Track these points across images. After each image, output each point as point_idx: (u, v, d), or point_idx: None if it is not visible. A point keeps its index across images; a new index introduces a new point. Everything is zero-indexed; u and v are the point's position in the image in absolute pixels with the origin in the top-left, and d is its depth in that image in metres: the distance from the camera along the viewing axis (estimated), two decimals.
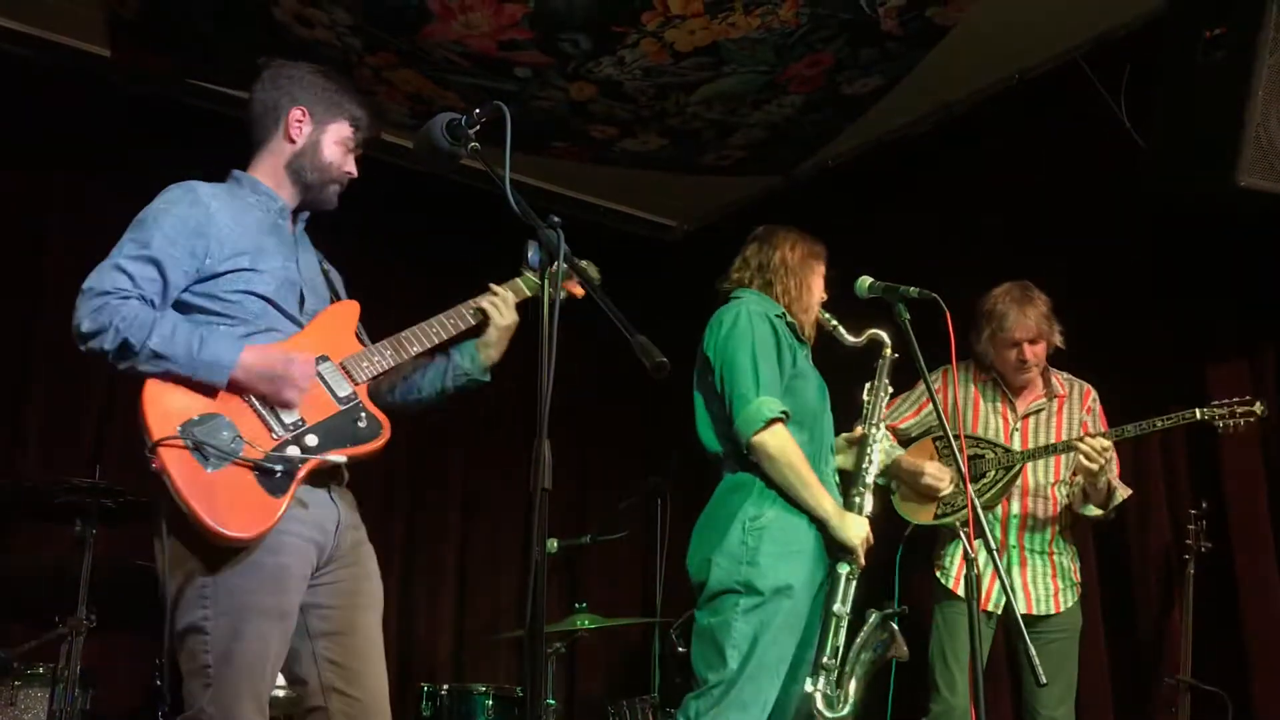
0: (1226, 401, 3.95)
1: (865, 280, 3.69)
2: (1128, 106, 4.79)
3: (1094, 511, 4.21)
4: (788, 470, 3.48)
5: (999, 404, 4.38)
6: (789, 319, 3.73)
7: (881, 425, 3.83)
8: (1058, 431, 4.27)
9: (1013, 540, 4.24)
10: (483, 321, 3.08)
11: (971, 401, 4.39)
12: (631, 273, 4.22)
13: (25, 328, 5.11)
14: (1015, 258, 5.32)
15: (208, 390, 2.69)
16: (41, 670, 4.25)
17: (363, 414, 2.87)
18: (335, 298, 3.08)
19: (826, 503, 3.51)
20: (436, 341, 3.02)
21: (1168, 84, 4.10)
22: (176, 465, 2.60)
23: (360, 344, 3.00)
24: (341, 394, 2.86)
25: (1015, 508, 4.26)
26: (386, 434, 2.88)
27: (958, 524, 4.14)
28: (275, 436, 2.74)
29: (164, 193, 2.89)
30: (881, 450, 3.82)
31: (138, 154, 5.30)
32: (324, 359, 2.88)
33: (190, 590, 2.66)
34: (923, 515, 4.34)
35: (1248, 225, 4.34)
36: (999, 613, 4.18)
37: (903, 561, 4.18)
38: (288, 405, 2.77)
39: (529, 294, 3.13)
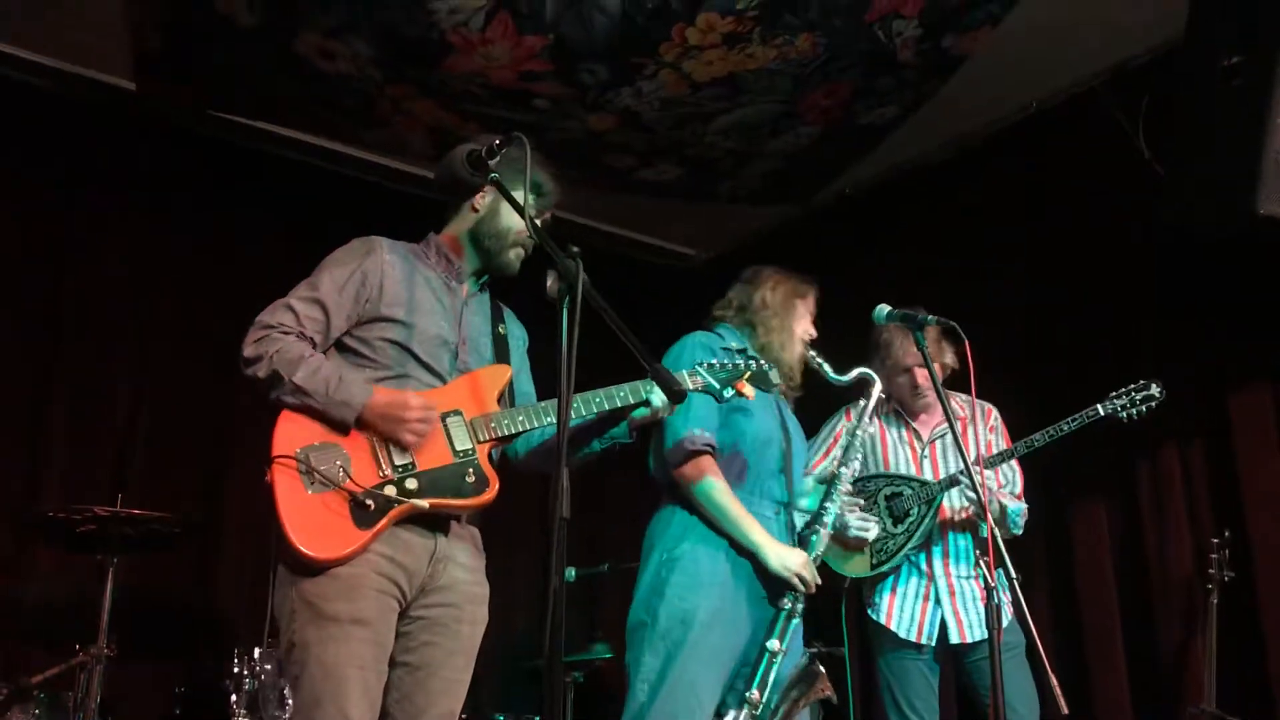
0: (1124, 390, 4.01)
1: (883, 308, 3.67)
2: (1146, 135, 4.82)
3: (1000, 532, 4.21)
4: (707, 502, 3.47)
5: (903, 433, 4.39)
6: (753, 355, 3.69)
7: (853, 465, 3.79)
8: (966, 454, 4.24)
9: (938, 570, 4.23)
10: (643, 402, 3.11)
11: (878, 434, 4.39)
12: (650, 301, 4.22)
13: (46, 358, 5.16)
14: (1032, 286, 5.43)
15: (338, 426, 2.84)
16: (61, 698, 4.23)
17: (473, 469, 2.93)
18: (497, 361, 3.18)
19: (755, 534, 3.46)
20: (585, 416, 3.06)
21: (1186, 113, 4.09)
22: (282, 481, 2.77)
23: (499, 406, 3.07)
24: (460, 448, 2.93)
25: (935, 537, 4.25)
26: (490, 494, 2.93)
27: (910, 558, 4.18)
28: (380, 474, 2.84)
29: (349, 244, 3.08)
30: (846, 491, 3.76)
31: (158, 187, 5.36)
32: (456, 413, 2.97)
33: (285, 606, 2.82)
34: (856, 566, 4.29)
35: (1268, 252, 4.37)
36: (933, 644, 4.17)
37: (848, 609, 4.21)
38: (402, 446, 2.87)
39: (693, 388, 3.21)
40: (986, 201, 5.69)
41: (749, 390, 3.24)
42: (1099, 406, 4.03)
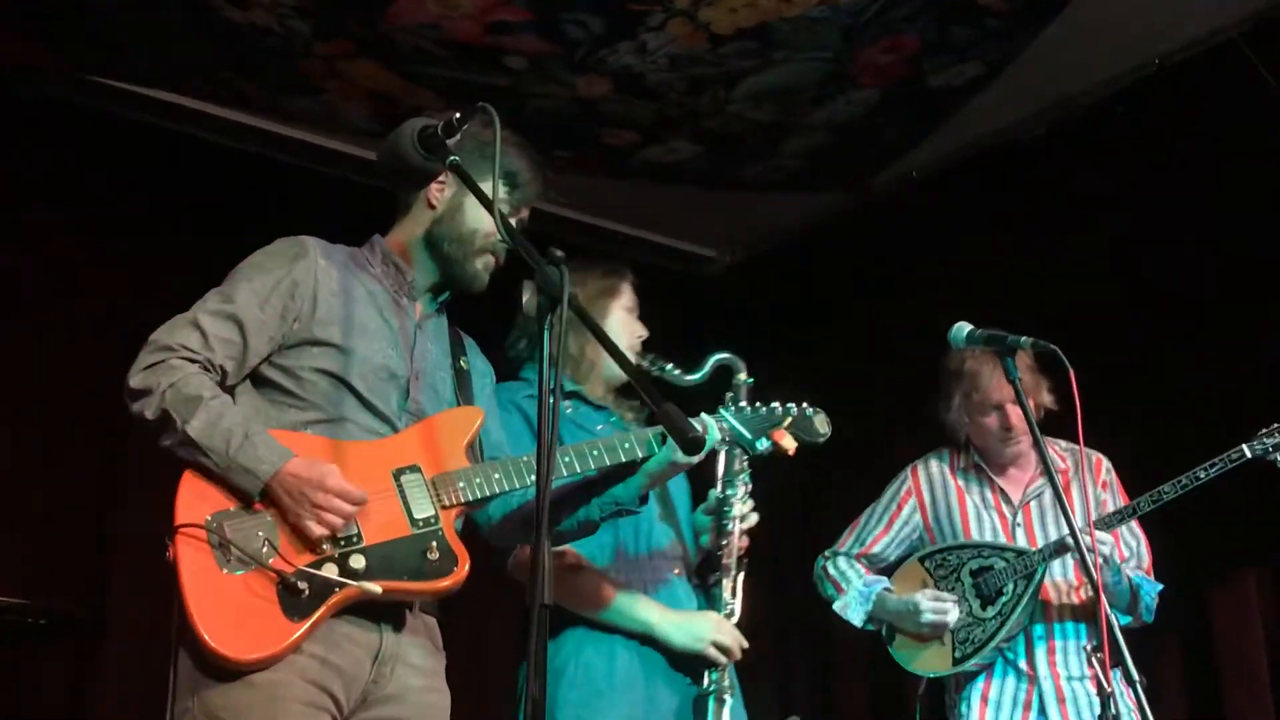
0: (1277, 427, 4.07)
1: (963, 327, 3.66)
2: None
3: (1122, 619, 4.22)
4: (564, 594, 3.43)
5: (988, 493, 4.50)
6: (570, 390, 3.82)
7: (741, 484, 3.85)
8: (1072, 517, 4.28)
9: (1041, 668, 4.27)
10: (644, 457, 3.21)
11: (955, 498, 4.52)
12: (660, 317, 4.26)
13: None
14: (1150, 295, 5.46)
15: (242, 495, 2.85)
16: None
17: (436, 543, 2.91)
18: (461, 401, 3.23)
19: (640, 611, 3.57)
20: (581, 473, 3.14)
21: None
22: (189, 558, 2.75)
23: (468, 460, 3.10)
24: (420, 515, 2.94)
25: (1037, 627, 4.31)
26: (459, 575, 2.91)
27: (1003, 650, 4.27)
28: (317, 550, 2.83)
29: (274, 244, 3.10)
30: (741, 516, 3.82)
31: (17, 170, 5.35)
32: (413, 470, 2.98)
33: (177, 709, 2.79)
34: (933, 662, 4.37)
35: None
36: None
37: None
38: (308, 534, 2.84)
39: (715, 447, 3.39)
40: (1093, 187, 5.68)
41: (789, 442, 3.34)
42: (1245, 448, 4.03)
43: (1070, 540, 4.01)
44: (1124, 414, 5.01)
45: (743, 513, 3.81)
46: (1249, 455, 4.02)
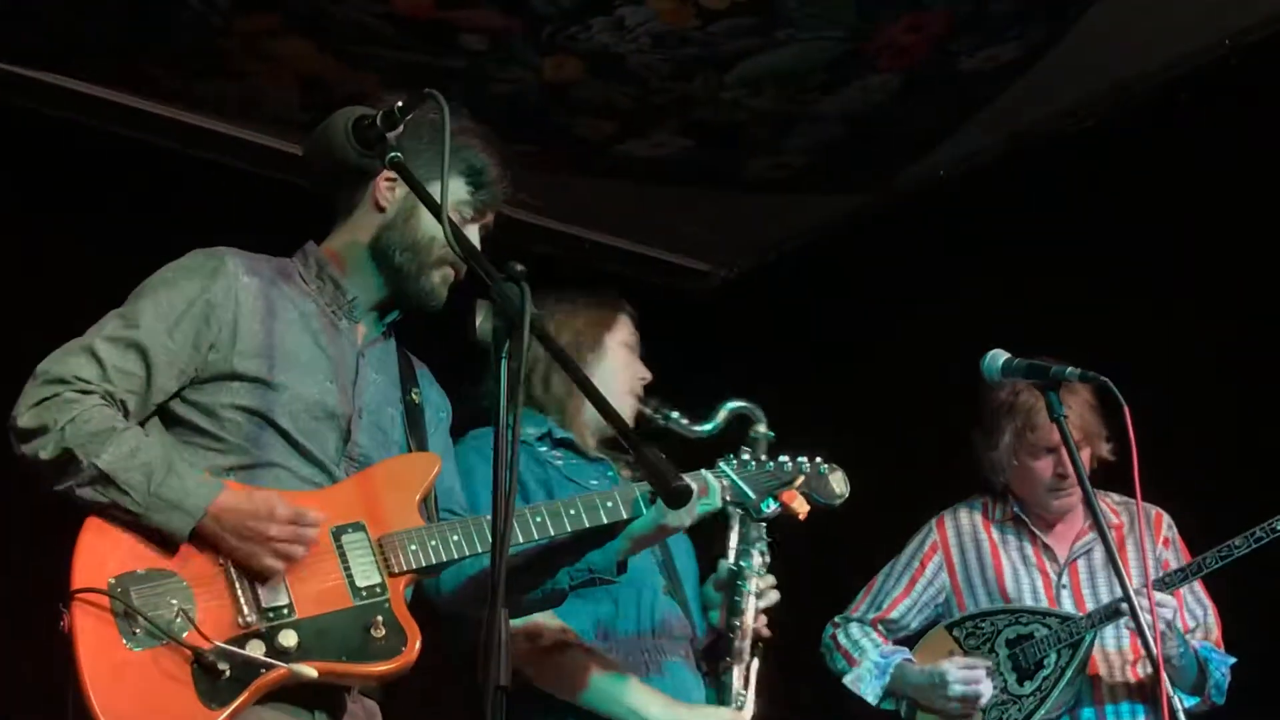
0: None
1: (998, 355, 3.71)
2: None
3: (1189, 700, 4.20)
4: (544, 675, 3.55)
5: (1029, 550, 4.53)
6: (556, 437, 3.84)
7: (757, 553, 3.85)
8: (1127, 578, 4.21)
9: None
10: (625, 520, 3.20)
11: (989, 554, 4.55)
12: (645, 341, 4.25)
13: None
14: (1224, 300, 5.50)
15: (168, 542, 2.80)
16: None
17: (382, 618, 2.88)
18: (413, 446, 3.22)
19: (636, 700, 3.55)
20: (552, 536, 3.13)
21: None
22: (88, 630, 2.69)
23: (421, 518, 3.07)
24: (363, 583, 2.91)
25: (1085, 711, 4.34)
26: (409, 656, 2.88)
27: None
28: (241, 622, 2.79)
29: (185, 257, 3.08)
30: (758, 592, 3.83)
31: None
32: (356, 528, 2.96)
33: None
34: None
35: None
36: None
37: None
38: (264, 576, 2.83)
39: (717, 507, 3.35)
40: (1151, 188, 5.68)
41: (801, 505, 3.38)
42: None
43: (1124, 604, 3.96)
44: (1189, 458, 4.98)
45: (760, 589, 3.80)
46: None
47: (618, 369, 3.90)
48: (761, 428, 3.87)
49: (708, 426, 3.88)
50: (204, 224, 3.32)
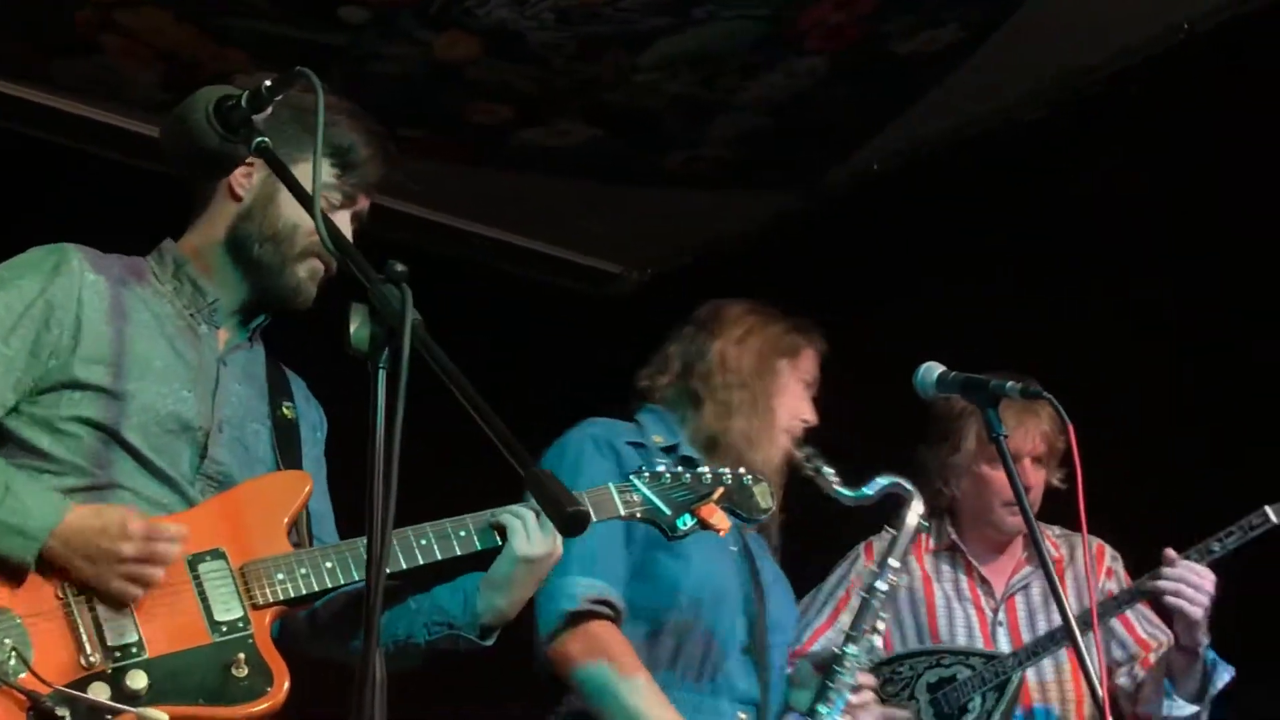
0: None
1: (933, 369, 3.65)
2: None
3: (1185, 709, 4.18)
4: (604, 703, 3.52)
5: (964, 583, 4.55)
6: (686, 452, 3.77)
7: (869, 638, 3.92)
8: (1067, 608, 4.12)
9: None
10: (495, 548, 3.12)
11: (920, 586, 4.54)
12: (550, 350, 4.08)
13: None
14: (1180, 309, 5.53)
15: (6, 571, 2.76)
16: None
17: (244, 655, 2.83)
18: (282, 464, 3.19)
19: None
20: (409, 565, 3.04)
21: None
22: None
23: (290, 544, 3.04)
24: (222, 617, 2.87)
25: None
26: (275, 698, 2.83)
27: None
28: (84, 662, 2.74)
29: (24, 254, 3.03)
30: (854, 687, 3.86)
31: None
32: (215, 555, 2.91)
33: None
34: None
35: None
36: None
37: None
38: (116, 605, 2.79)
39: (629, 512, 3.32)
40: (1105, 183, 5.77)
41: (722, 521, 3.27)
42: (1269, 511, 4.02)
43: (1061, 639, 4.15)
44: (1136, 481, 5.04)
45: (856, 684, 3.82)
46: (1275, 521, 4.01)
47: (785, 402, 3.91)
48: (916, 518, 3.97)
49: (856, 493, 3.91)
50: (50, 217, 3.18)
